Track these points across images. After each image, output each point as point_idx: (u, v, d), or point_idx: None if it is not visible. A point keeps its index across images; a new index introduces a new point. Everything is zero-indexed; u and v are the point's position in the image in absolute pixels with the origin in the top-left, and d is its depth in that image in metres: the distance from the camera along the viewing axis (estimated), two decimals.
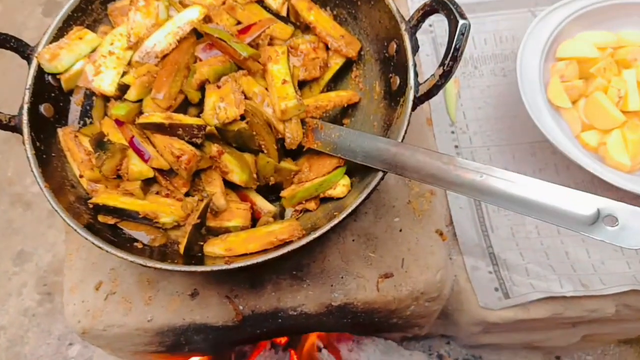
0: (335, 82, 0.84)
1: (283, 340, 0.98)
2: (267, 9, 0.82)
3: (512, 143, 0.97)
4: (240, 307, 0.77)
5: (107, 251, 0.65)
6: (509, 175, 0.60)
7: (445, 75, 0.67)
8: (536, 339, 1.02)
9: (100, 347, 0.84)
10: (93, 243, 0.65)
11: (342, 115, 0.83)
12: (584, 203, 0.55)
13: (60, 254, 1.41)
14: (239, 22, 0.81)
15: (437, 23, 1.07)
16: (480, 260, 0.88)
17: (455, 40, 0.65)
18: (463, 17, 0.65)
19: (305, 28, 0.84)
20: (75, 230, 0.66)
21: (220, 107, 0.70)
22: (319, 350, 0.97)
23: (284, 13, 0.84)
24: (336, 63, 0.82)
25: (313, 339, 0.98)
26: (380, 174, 0.67)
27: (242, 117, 0.72)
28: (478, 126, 0.99)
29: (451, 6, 0.67)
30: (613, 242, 0.52)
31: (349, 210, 0.66)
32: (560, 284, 0.85)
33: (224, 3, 0.82)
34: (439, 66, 0.67)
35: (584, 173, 0.94)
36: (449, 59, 0.66)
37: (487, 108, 1.00)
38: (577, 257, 0.88)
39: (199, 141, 0.71)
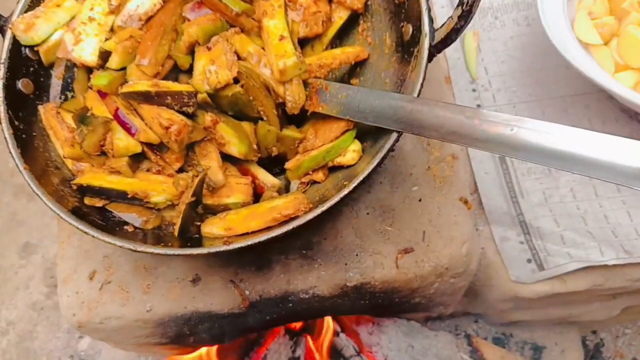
0: (341, 38, 0.76)
1: (298, 325, 0.91)
2: None
3: (540, 98, 0.88)
4: (247, 292, 0.71)
5: (93, 236, 0.58)
6: (543, 126, 0.51)
7: (465, 16, 0.58)
8: (573, 314, 0.93)
9: (101, 340, 0.79)
10: (78, 228, 0.59)
11: (349, 74, 0.74)
12: (632, 153, 0.46)
13: None
14: None
15: None
16: (510, 230, 0.80)
17: None
18: None
19: None
20: (59, 215, 0.60)
21: (211, 71, 0.63)
22: (337, 334, 0.91)
23: None
24: (340, 17, 0.73)
25: (329, 322, 0.91)
26: (394, 135, 0.59)
27: (236, 81, 0.64)
28: (502, 82, 0.90)
29: None
30: None
31: (361, 177, 0.58)
32: (600, 251, 0.76)
33: None
34: (457, 6, 0.58)
35: (621, 126, 0.85)
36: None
37: (511, 61, 0.91)
38: (618, 221, 0.79)
39: (190, 110, 0.64)
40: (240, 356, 0.93)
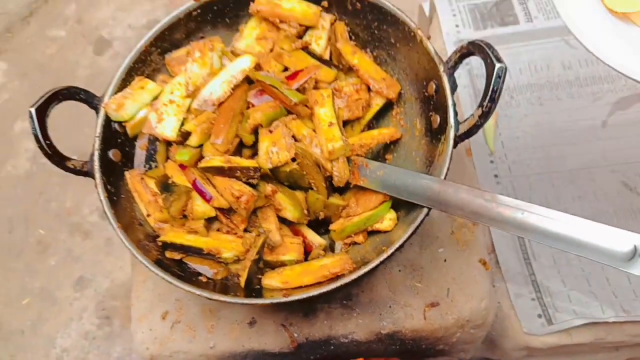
0: (377, 119, 0.89)
1: None
2: (311, 54, 0.88)
3: (551, 171, 1.00)
4: (295, 335, 0.82)
5: (176, 286, 0.71)
6: (549, 212, 0.63)
7: (484, 115, 0.71)
8: None
9: None
10: (164, 279, 0.71)
11: (384, 150, 0.87)
12: (621, 240, 0.58)
13: (118, 280, 1.49)
14: (286, 68, 0.87)
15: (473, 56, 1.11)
16: (523, 288, 0.91)
17: (492, 83, 0.69)
18: (499, 60, 0.69)
19: (348, 70, 0.89)
20: (147, 267, 0.72)
21: (273, 152, 0.76)
22: None
23: (327, 57, 0.90)
24: (377, 104, 0.87)
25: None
26: (425, 210, 0.72)
27: (293, 159, 0.77)
28: (517, 155, 1.02)
29: (487, 50, 0.71)
30: None
31: (397, 245, 0.70)
32: (602, 309, 0.87)
33: (271, 50, 0.89)
34: (478, 107, 0.71)
35: (622, 198, 0.97)
36: (487, 100, 0.70)
37: (525, 137, 1.03)
38: (618, 283, 0.90)
39: (254, 181, 0.77)
40: None
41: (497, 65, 0.69)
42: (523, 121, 1.05)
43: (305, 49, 0.88)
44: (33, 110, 0.75)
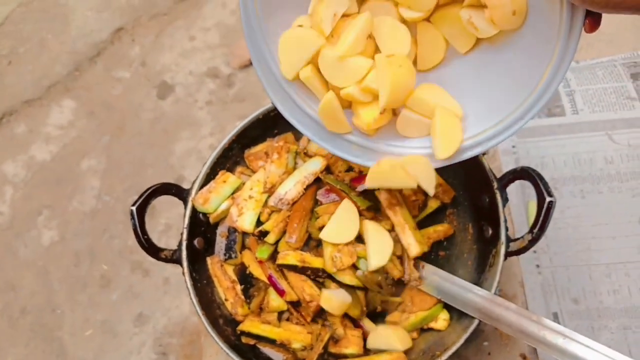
0: (432, 216, 0.98)
1: None
2: None
3: (589, 264, 1.08)
4: None
5: None
6: (587, 341, 0.71)
7: (534, 240, 0.80)
8: None
9: None
10: None
11: (437, 247, 0.96)
12: None
13: (174, 319, 1.61)
14: (350, 168, 0.97)
15: (520, 145, 1.19)
16: None
17: (542, 214, 0.78)
18: (550, 194, 0.78)
19: None
20: (227, 352, 0.83)
21: (336, 257, 0.86)
22: None
23: None
24: (430, 207, 0.96)
25: None
26: (476, 321, 0.81)
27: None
28: (558, 246, 1.10)
29: (539, 182, 0.80)
30: None
31: (449, 353, 0.80)
32: None
33: None
34: (529, 232, 0.80)
35: None
36: (537, 228, 0.79)
37: (567, 229, 1.11)
38: None
39: (321, 280, 0.88)
40: None
41: (548, 199, 0.78)
42: (565, 213, 1.13)
43: None
44: (134, 209, 0.86)
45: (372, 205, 0.90)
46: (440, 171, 0.96)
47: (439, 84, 0.69)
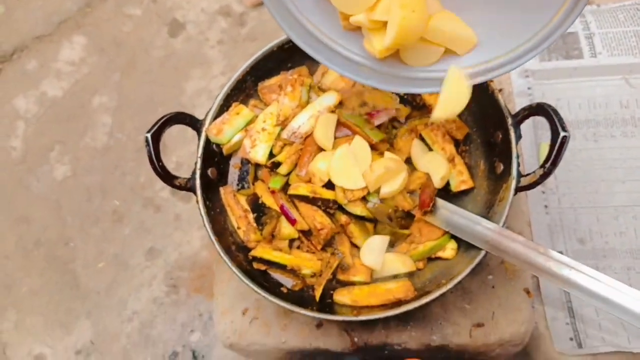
0: None
1: None
2: None
3: (597, 206, 1.08)
4: (355, 339, 0.96)
5: (263, 296, 0.84)
6: (592, 272, 0.73)
7: (546, 175, 0.80)
8: None
9: (241, 355, 1.06)
10: (252, 288, 0.84)
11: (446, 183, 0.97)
12: None
13: (185, 253, 1.65)
14: (364, 103, 0.97)
15: (535, 87, 1.18)
16: (559, 312, 1.02)
17: (555, 149, 0.78)
18: (564, 129, 0.78)
19: (421, 107, 0.98)
20: (239, 277, 0.85)
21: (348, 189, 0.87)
22: None
23: (403, 93, 0.99)
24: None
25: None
26: (483, 252, 0.82)
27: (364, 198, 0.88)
28: (567, 188, 1.10)
29: (554, 117, 0.79)
30: None
31: (455, 282, 0.81)
32: (628, 340, 0.97)
33: (353, 86, 0.98)
34: (540, 167, 0.81)
35: None
36: (549, 163, 0.79)
37: (577, 171, 1.11)
38: None
39: (331, 211, 0.89)
40: None
41: (562, 134, 0.77)
42: (577, 155, 1.13)
43: None
44: (149, 136, 0.87)
45: (386, 138, 0.91)
46: None
47: (453, 11, 0.67)
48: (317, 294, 0.87)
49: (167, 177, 0.89)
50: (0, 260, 1.72)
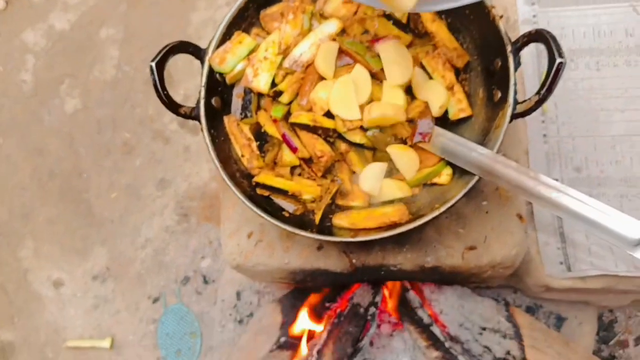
0: None
1: None
2: (391, 18, 0.98)
3: (595, 135, 1.10)
4: (353, 261, 1.01)
5: (266, 219, 0.88)
6: (579, 195, 0.76)
7: (541, 101, 0.82)
8: (590, 300, 1.20)
9: (245, 275, 1.12)
10: (255, 212, 0.89)
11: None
12: (634, 227, 0.72)
13: (195, 184, 1.71)
14: (366, 31, 0.97)
15: (541, 14, 1.17)
16: (551, 237, 1.06)
17: (551, 75, 0.79)
18: (561, 55, 0.79)
19: (423, 35, 0.98)
20: (243, 201, 0.89)
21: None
22: (407, 290, 1.21)
23: (404, 21, 0.99)
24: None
25: (402, 281, 1.21)
26: (476, 178, 0.85)
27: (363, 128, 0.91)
28: (567, 117, 1.12)
29: (552, 43, 0.80)
30: None
31: (447, 205, 0.85)
32: (615, 264, 1.02)
33: (355, 13, 0.98)
34: (536, 93, 0.82)
35: None
36: (544, 89, 0.81)
37: (578, 100, 1.12)
38: None
39: (331, 140, 0.92)
40: (332, 296, 1.26)
41: (558, 60, 0.78)
42: (579, 84, 1.13)
43: (386, 14, 0.97)
44: (154, 65, 0.88)
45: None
46: (455, 35, 0.98)
47: None
48: (317, 217, 0.92)
49: (172, 105, 0.92)
50: (17, 191, 1.80)
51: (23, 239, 1.74)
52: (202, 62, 0.97)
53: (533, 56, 1.15)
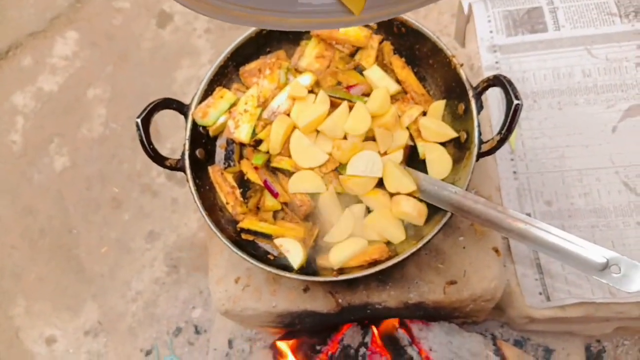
0: None
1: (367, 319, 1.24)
2: (361, 71, 1.04)
3: (563, 170, 1.16)
4: (339, 300, 1.04)
5: (252, 263, 0.92)
6: (545, 226, 0.81)
7: (502, 141, 0.88)
8: (574, 329, 1.23)
9: (234, 321, 1.14)
10: (241, 257, 0.92)
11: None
12: (597, 253, 0.76)
13: (183, 235, 1.74)
14: (339, 83, 1.04)
15: (503, 60, 1.25)
16: (529, 269, 1.10)
17: (510, 116, 0.86)
18: (517, 98, 0.85)
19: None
20: (229, 246, 0.93)
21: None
22: (396, 329, 1.23)
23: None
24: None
25: (391, 320, 1.23)
26: (448, 214, 0.90)
27: None
28: (534, 154, 1.18)
29: (508, 87, 0.87)
30: (616, 286, 0.74)
31: (424, 241, 0.89)
32: (592, 291, 1.06)
33: (327, 67, 1.05)
34: (497, 133, 0.88)
35: (622, 196, 1.13)
36: (505, 129, 0.87)
37: (543, 138, 1.19)
38: None
39: None
40: (322, 339, 1.27)
41: (515, 102, 0.85)
42: (543, 123, 1.20)
43: (356, 68, 1.04)
44: (139, 121, 0.94)
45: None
46: (422, 83, 1.04)
47: None
48: (302, 261, 0.95)
49: (158, 158, 0.97)
50: (7, 251, 1.81)
51: (15, 298, 1.74)
52: (186, 117, 1.02)
53: (498, 99, 1.22)
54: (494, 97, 1.23)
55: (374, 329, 1.25)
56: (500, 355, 1.22)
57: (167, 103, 1.00)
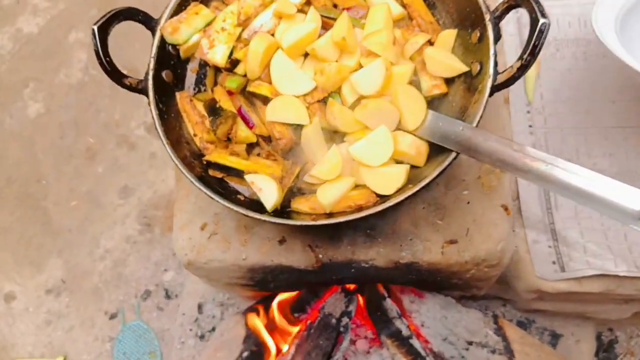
0: None
1: (352, 286, 1.10)
2: None
3: (586, 126, 1.01)
4: (320, 256, 0.90)
5: (217, 201, 0.77)
6: (572, 166, 0.66)
7: (523, 68, 0.73)
8: (588, 310, 1.09)
9: (199, 277, 1.00)
10: (207, 194, 0.78)
11: None
12: (634, 197, 0.61)
13: (160, 192, 1.59)
14: (335, 5, 0.89)
15: None
16: (541, 235, 0.95)
17: (534, 38, 0.71)
18: (544, 16, 0.71)
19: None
20: (192, 182, 0.79)
21: None
22: (384, 298, 1.09)
23: None
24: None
25: (379, 287, 1.09)
26: (453, 154, 0.75)
27: None
28: (554, 108, 1.03)
29: (533, 4, 0.72)
30: None
31: (421, 185, 0.75)
32: (615, 263, 0.91)
33: None
34: (518, 59, 0.73)
35: None
36: (527, 54, 0.72)
37: (566, 91, 1.04)
38: (635, 240, 0.93)
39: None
40: (301, 306, 1.13)
41: (541, 20, 0.70)
42: (565, 75, 1.05)
43: None
44: (95, 28, 0.79)
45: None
46: (431, 11, 0.90)
47: None
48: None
49: (115, 74, 0.82)
50: None
51: None
52: (153, 33, 0.88)
53: (515, 34, 1.07)
54: (508, 37, 1.08)
55: (359, 297, 1.11)
56: (502, 335, 1.08)
57: (132, 13, 0.85)
